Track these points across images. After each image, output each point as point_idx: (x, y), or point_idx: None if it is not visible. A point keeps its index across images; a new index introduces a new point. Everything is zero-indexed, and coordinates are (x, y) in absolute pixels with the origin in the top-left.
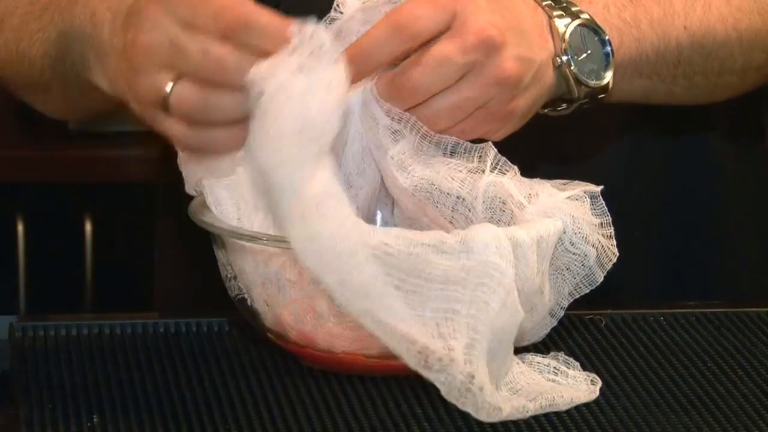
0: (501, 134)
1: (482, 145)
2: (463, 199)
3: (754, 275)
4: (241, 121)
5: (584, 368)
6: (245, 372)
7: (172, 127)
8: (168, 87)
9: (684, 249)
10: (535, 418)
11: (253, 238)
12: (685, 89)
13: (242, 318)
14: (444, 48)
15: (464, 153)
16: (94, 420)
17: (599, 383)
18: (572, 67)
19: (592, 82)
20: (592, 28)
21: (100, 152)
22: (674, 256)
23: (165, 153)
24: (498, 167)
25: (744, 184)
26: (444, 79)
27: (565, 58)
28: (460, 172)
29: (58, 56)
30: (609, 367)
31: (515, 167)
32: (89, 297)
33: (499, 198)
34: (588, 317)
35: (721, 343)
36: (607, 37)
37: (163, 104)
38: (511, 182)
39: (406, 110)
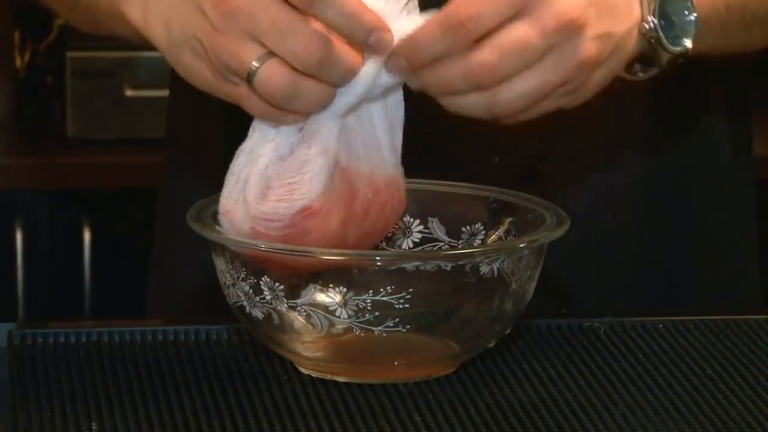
0: (573, 105)
1: None
2: None
3: (754, 282)
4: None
5: (582, 376)
6: (244, 380)
7: (251, 103)
8: (255, 63)
9: (682, 256)
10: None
11: (253, 245)
12: (744, 40)
13: (241, 326)
14: (523, 31)
15: None
16: (93, 427)
17: None
18: (659, 33)
19: (676, 49)
20: None
21: (99, 159)
22: (673, 263)
23: (165, 161)
24: None
25: (742, 190)
26: (523, 63)
27: (652, 22)
28: None
29: None
30: (608, 375)
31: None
32: (88, 304)
33: None
34: (587, 325)
35: (721, 351)
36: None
37: (246, 78)
38: None
39: (479, 91)
